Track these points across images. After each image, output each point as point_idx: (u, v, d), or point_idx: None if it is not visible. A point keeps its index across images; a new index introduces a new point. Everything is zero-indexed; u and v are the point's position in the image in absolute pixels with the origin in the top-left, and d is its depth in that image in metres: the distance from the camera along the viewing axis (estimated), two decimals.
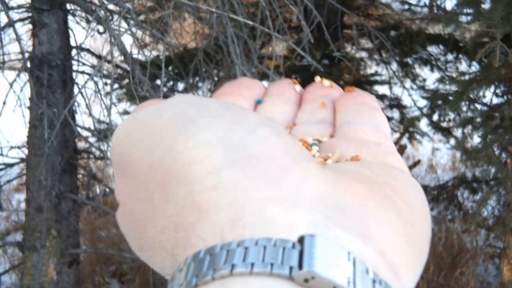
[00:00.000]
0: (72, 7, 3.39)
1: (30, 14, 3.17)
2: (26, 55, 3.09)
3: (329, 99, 0.50)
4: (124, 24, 3.44)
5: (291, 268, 0.27)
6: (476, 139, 4.31)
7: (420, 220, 0.34)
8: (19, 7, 3.21)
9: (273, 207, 0.30)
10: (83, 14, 3.44)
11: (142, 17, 3.85)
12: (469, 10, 3.89)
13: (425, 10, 4.76)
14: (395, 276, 0.30)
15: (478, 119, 3.93)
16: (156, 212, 0.33)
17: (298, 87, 0.53)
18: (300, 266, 0.27)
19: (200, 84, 4.35)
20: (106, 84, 3.60)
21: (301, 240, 0.28)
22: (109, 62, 3.30)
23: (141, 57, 3.74)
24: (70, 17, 3.37)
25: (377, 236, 0.30)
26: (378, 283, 0.28)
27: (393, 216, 0.32)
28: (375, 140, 0.42)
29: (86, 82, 3.18)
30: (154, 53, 4.08)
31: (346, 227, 0.30)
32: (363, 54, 5.21)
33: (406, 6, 4.95)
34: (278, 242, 0.28)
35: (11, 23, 2.80)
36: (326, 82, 0.53)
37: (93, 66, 3.46)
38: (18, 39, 2.79)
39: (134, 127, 0.37)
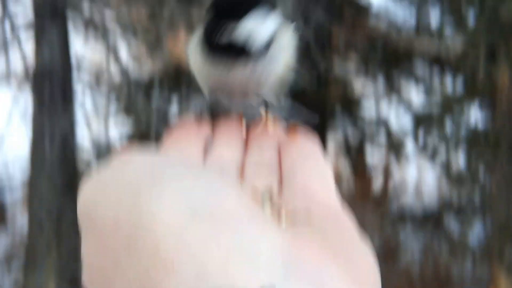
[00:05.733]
0: (73, 20, 3.57)
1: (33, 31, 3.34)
2: (29, 70, 3.26)
3: (275, 140, 0.54)
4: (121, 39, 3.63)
5: None
6: (461, 159, 4.47)
7: (372, 278, 0.37)
8: (25, 26, 3.38)
9: (234, 265, 0.32)
10: (83, 26, 3.62)
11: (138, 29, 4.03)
12: (453, 24, 4.09)
13: (412, 28, 4.93)
14: None
15: (463, 137, 4.09)
16: (123, 270, 0.35)
17: (244, 128, 0.58)
18: None
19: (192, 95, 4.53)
20: (105, 97, 3.77)
21: None
22: (106, 73, 3.47)
23: (136, 69, 3.93)
24: (70, 31, 3.54)
25: None
26: None
27: (346, 274, 0.34)
28: (322, 195, 0.44)
29: (83, 95, 3.34)
30: (149, 65, 4.27)
31: (303, 284, 0.33)
32: (350, 72, 5.37)
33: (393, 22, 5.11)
34: None
35: (16, 37, 2.97)
36: (271, 124, 0.58)
37: (92, 79, 3.63)
38: (23, 55, 2.97)
39: (99, 186, 0.38)
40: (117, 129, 4.26)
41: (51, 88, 3.32)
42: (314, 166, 0.48)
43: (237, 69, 0.69)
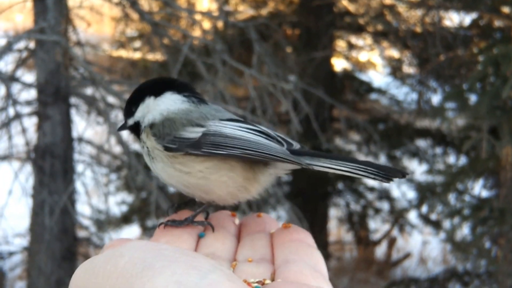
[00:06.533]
0: (75, 101, 3.62)
1: (36, 109, 3.38)
2: (31, 146, 3.29)
3: (266, 233, 0.56)
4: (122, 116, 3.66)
5: None
6: (465, 231, 4.44)
7: None
8: (27, 103, 3.42)
9: None
10: (85, 107, 3.67)
11: None
12: (455, 104, 4.11)
13: (413, 104, 4.97)
14: None
15: (467, 211, 4.07)
16: None
17: (236, 220, 0.59)
18: None
19: None
20: (106, 175, 3.78)
21: None
22: (107, 152, 3.49)
23: (137, 148, 3.93)
24: (72, 110, 3.59)
25: None
26: None
27: None
28: (315, 285, 0.46)
29: (84, 171, 3.36)
30: None
31: None
32: (352, 147, 5.40)
33: (394, 101, 5.15)
34: None
35: (18, 116, 3.01)
36: (264, 216, 0.60)
37: (93, 157, 3.66)
38: (24, 131, 3.01)
39: (92, 272, 0.40)
40: (116, 202, 4.26)
41: (52, 162, 3.35)
42: (307, 258, 0.48)
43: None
